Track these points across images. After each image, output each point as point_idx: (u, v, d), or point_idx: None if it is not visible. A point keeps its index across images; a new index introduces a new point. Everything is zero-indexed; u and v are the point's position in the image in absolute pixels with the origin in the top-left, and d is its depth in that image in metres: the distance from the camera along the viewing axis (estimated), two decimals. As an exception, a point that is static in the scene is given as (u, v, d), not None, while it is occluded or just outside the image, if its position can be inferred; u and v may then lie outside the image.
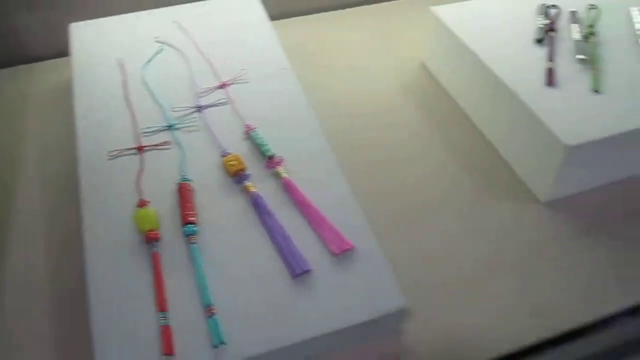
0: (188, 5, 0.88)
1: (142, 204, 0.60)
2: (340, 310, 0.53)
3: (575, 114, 0.68)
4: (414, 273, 0.62)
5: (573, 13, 0.84)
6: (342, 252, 0.56)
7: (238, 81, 0.74)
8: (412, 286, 0.57)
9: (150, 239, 0.57)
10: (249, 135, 0.67)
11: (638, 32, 0.80)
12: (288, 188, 0.62)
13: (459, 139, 0.79)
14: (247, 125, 0.68)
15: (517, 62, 0.75)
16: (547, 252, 0.65)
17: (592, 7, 0.87)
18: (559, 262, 0.64)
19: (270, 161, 0.64)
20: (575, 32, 0.80)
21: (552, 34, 0.80)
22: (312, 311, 0.53)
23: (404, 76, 0.88)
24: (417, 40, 0.92)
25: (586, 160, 0.67)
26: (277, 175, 0.63)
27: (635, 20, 0.83)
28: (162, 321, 0.51)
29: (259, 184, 0.62)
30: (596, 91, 0.71)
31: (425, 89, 0.86)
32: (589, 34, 0.80)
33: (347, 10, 1.02)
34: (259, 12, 0.86)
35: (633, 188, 0.72)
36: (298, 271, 0.55)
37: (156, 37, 0.81)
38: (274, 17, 0.87)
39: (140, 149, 0.66)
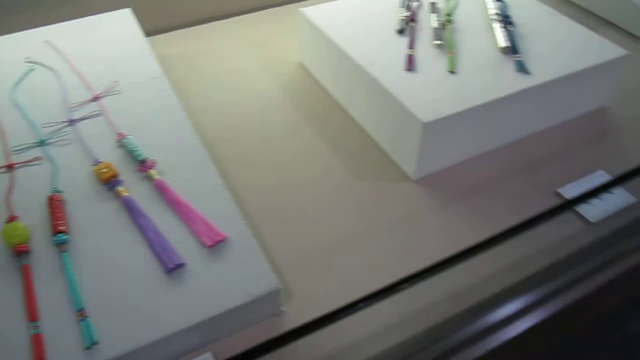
0: (61, 24, 0.88)
1: (10, 219, 0.59)
2: (215, 298, 0.54)
3: (431, 94, 0.73)
4: (293, 254, 0.64)
5: (432, 4, 0.90)
6: (215, 244, 0.58)
7: (111, 93, 0.75)
8: (292, 266, 0.60)
9: (19, 252, 0.56)
10: (121, 142, 0.68)
11: (491, 17, 0.87)
12: (160, 188, 0.63)
13: (335, 128, 0.82)
14: (119, 133, 0.69)
15: (380, 52, 0.80)
16: (415, 221, 0.70)
17: (451, -3, 0.93)
18: (425, 229, 0.69)
19: (142, 165, 0.65)
20: (434, 21, 0.86)
21: (412, 24, 0.86)
22: (188, 302, 0.54)
23: (283, 77, 0.92)
24: (294, 43, 0.96)
25: (445, 136, 0.72)
26: (149, 178, 0.64)
27: (489, 6, 0.90)
28: (33, 330, 0.51)
29: (132, 188, 0.63)
30: (452, 72, 0.77)
31: (303, 87, 0.90)
32: (447, 22, 0.86)
33: (226, 20, 1.05)
34: (133, 27, 0.87)
35: (486, 162, 0.78)
36: (171, 265, 0.56)
37: (26, 58, 0.80)
38: (154, 31, 0.88)
39: (10, 167, 0.66)
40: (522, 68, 0.77)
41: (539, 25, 0.87)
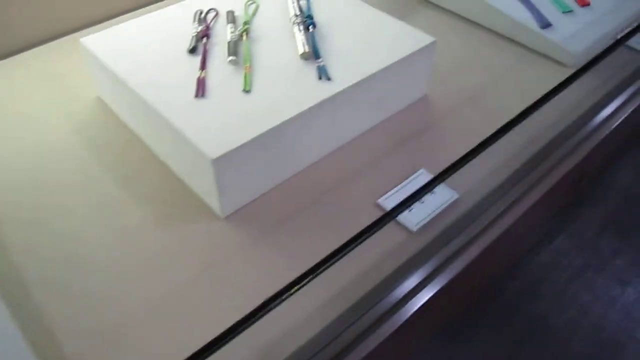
0: None
1: None
2: None
3: (223, 121, 0.65)
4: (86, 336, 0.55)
5: (230, 13, 0.82)
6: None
7: None
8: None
9: None
10: None
11: (292, 20, 0.80)
12: None
13: (135, 168, 0.73)
14: None
15: (167, 78, 0.71)
16: (228, 264, 0.62)
17: (251, 1, 0.86)
18: (240, 272, 0.62)
19: None
20: (230, 33, 0.78)
21: (205, 40, 0.77)
22: None
23: (77, 115, 0.81)
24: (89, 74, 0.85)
25: (244, 166, 0.65)
26: None
27: (290, 7, 0.83)
28: None
29: None
30: (247, 91, 0.69)
31: (100, 124, 0.79)
32: (244, 32, 0.78)
33: (17, 56, 0.92)
34: None
35: (300, 183, 0.71)
36: None
37: None
38: None
39: None
40: (323, 74, 0.71)
41: (344, 21, 0.82)
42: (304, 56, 0.74)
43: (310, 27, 0.79)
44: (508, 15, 0.95)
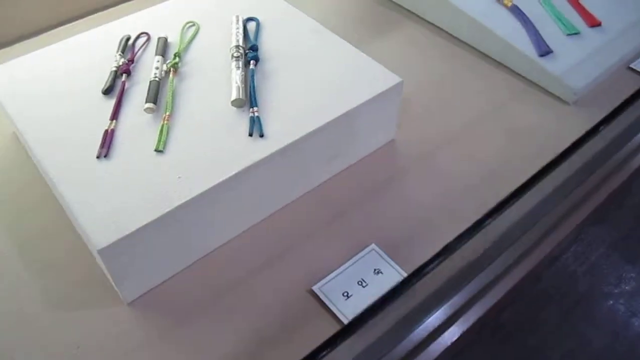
0: None
1: None
2: None
3: (121, 195, 0.54)
4: None
5: (161, 40, 0.70)
6: None
7: None
8: None
9: None
10: None
11: (231, 51, 0.68)
12: None
13: (39, 235, 0.62)
14: None
15: (71, 131, 0.60)
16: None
17: (191, 24, 0.73)
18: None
19: None
20: (155, 69, 0.66)
21: (125, 77, 0.65)
22: None
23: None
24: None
25: (144, 252, 0.53)
26: None
27: (233, 32, 0.71)
28: None
29: None
30: (159, 151, 0.58)
31: (8, 166, 0.69)
32: (173, 67, 0.66)
33: None
34: None
35: (221, 262, 0.60)
36: None
37: None
38: None
39: None
40: (256, 129, 0.59)
41: (297, 52, 0.69)
42: (236, 103, 0.62)
43: (252, 62, 0.66)
44: (500, 37, 0.81)
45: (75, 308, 0.56)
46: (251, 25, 0.73)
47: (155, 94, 0.62)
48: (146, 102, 0.61)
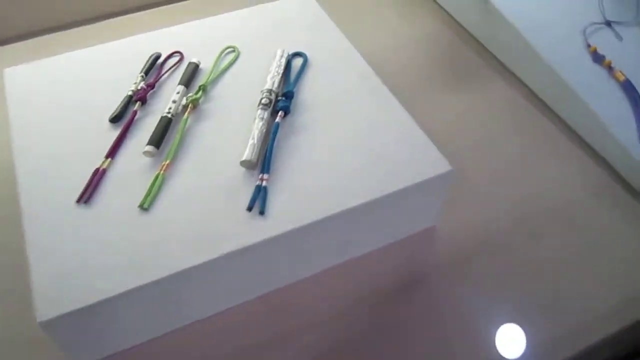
0: None
1: None
2: None
3: (84, 258, 0.47)
4: None
5: (191, 66, 0.62)
6: None
7: None
8: None
9: None
10: None
11: (263, 94, 0.58)
12: None
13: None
14: None
15: (62, 163, 0.54)
16: None
17: (231, 49, 0.65)
18: None
19: None
20: (171, 103, 0.58)
21: (138, 106, 0.58)
22: None
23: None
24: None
25: (90, 326, 0.46)
26: None
27: (272, 71, 0.61)
28: None
29: None
30: (144, 208, 0.50)
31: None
32: (192, 103, 0.58)
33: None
34: None
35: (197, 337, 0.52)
36: None
37: None
38: None
39: None
40: (260, 203, 0.50)
41: (337, 106, 0.59)
42: (245, 165, 0.53)
43: (280, 113, 0.57)
44: (598, 117, 0.66)
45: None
46: (297, 62, 0.64)
47: (160, 135, 0.55)
48: (148, 143, 0.54)
